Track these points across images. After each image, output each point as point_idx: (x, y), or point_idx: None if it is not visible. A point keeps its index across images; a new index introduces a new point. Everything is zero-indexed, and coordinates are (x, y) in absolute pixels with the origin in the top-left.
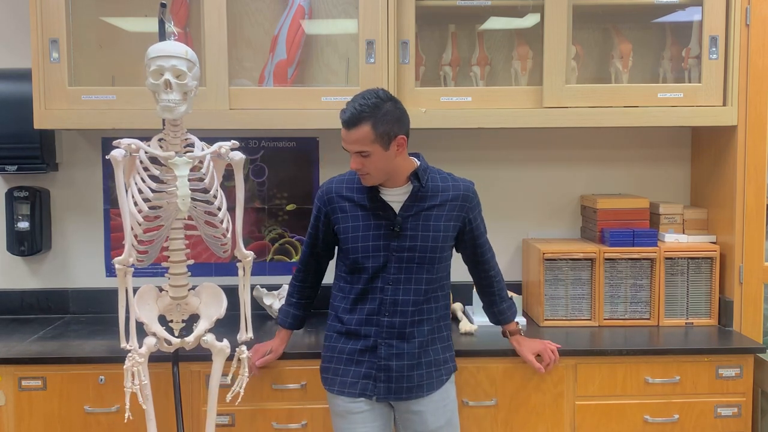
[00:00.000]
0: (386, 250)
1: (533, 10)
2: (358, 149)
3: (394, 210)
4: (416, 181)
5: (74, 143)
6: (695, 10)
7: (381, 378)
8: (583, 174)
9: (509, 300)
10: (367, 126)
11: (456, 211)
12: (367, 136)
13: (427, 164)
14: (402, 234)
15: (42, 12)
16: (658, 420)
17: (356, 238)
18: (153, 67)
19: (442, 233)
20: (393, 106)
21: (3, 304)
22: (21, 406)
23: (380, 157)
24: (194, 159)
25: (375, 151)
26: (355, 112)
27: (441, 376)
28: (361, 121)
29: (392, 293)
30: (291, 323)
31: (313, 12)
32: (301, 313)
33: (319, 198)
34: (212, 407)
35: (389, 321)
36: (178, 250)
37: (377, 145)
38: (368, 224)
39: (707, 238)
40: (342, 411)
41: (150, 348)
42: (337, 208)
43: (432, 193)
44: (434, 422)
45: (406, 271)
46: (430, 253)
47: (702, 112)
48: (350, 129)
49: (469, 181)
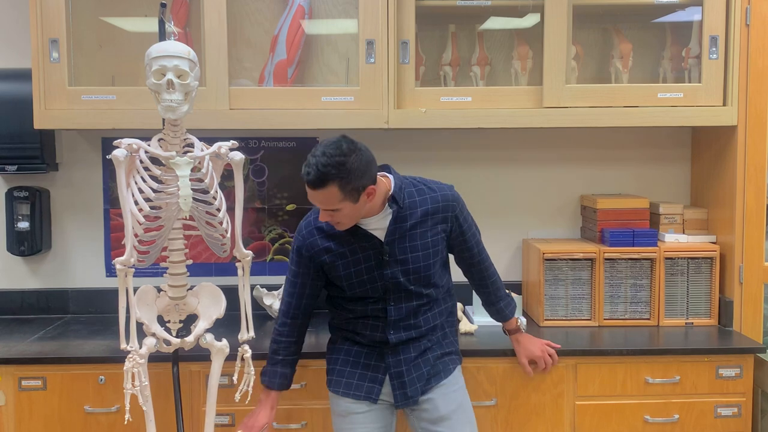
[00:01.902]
0: (381, 279)
1: (533, 10)
2: (327, 208)
3: (379, 238)
4: (395, 204)
5: (74, 143)
6: (695, 10)
7: (395, 386)
8: (583, 174)
9: (506, 298)
10: (334, 187)
11: (440, 222)
12: (334, 195)
13: (400, 179)
14: (392, 260)
15: (42, 12)
16: (658, 420)
17: (349, 275)
18: (155, 67)
19: (431, 249)
20: (358, 158)
21: (3, 304)
22: (21, 406)
23: (350, 210)
24: (195, 159)
25: (344, 207)
26: (319, 174)
27: (448, 366)
28: (326, 183)
29: (396, 313)
30: (281, 383)
31: (313, 12)
32: (290, 371)
33: (300, 247)
34: (211, 407)
35: (395, 336)
36: (177, 251)
37: (346, 201)
38: (357, 258)
39: (707, 238)
40: (343, 411)
41: (150, 348)
42: (321, 251)
43: (411, 210)
44: (446, 407)
45: (406, 293)
46: (424, 271)
47: (702, 112)
48: (316, 189)
49: (446, 186)
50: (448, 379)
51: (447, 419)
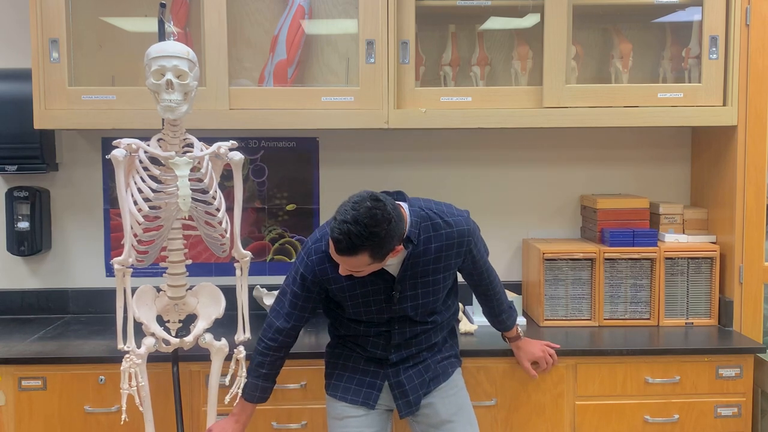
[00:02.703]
0: (388, 312)
1: (533, 10)
2: (353, 270)
3: (391, 273)
4: (410, 244)
5: (74, 143)
6: (695, 10)
7: (397, 395)
8: (583, 174)
9: (509, 310)
10: (365, 255)
11: (453, 258)
12: (363, 261)
13: (417, 213)
14: (402, 296)
15: (42, 12)
16: (658, 420)
17: (357, 304)
18: (154, 67)
19: (442, 284)
20: (390, 228)
21: (3, 304)
22: (21, 406)
23: (375, 267)
24: (194, 159)
25: (371, 267)
26: (351, 244)
27: (447, 369)
28: (358, 252)
29: (399, 337)
30: (260, 397)
31: (313, 12)
32: (272, 385)
33: (306, 274)
34: (212, 406)
35: (396, 355)
36: (176, 250)
37: (374, 263)
38: (366, 291)
39: (707, 238)
40: (339, 414)
41: (149, 348)
42: (330, 279)
43: (425, 247)
44: (446, 411)
45: (410, 322)
46: (432, 305)
47: (702, 112)
48: (344, 256)
49: (461, 218)
50: (447, 382)
51: (448, 422)
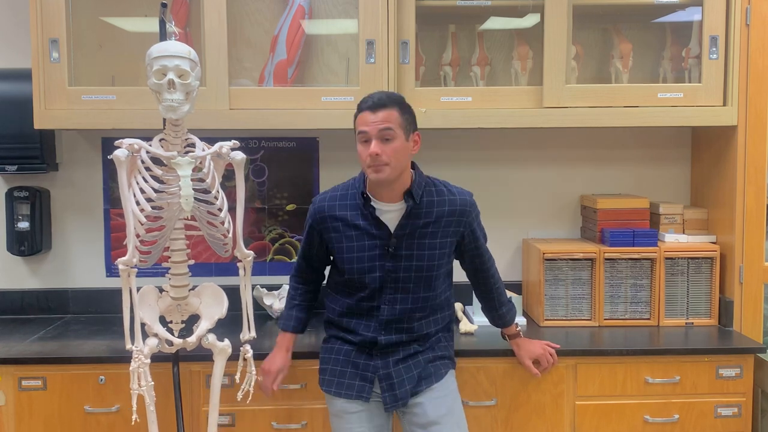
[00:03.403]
0: (381, 270)
1: (533, 10)
2: (385, 126)
3: (389, 229)
4: (410, 200)
5: (74, 143)
6: (695, 10)
7: (384, 387)
8: (583, 174)
9: (508, 304)
10: (395, 110)
11: (453, 226)
12: (394, 117)
13: (422, 176)
14: (396, 254)
15: (42, 12)
16: (658, 420)
17: (351, 259)
18: (156, 67)
19: (438, 251)
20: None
21: (3, 304)
22: (21, 406)
23: (402, 146)
24: (196, 159)
25: (399, 137)
26: (383, 97)
27: (440, 370)
28: (388, 106)
29: (389, 313)
30: (294, 326)
31: (313, 12)
32: (305, 315)
33: (312, 216)
34: (214, 407)
35: (385, 338)
36: (179, 251)
37: (402, 130)
38: (362, 244)
39: (707, 238)
40: (339, 411)
41: (152, 349)
42: (330, 227)
43: (427, 209)
44: (435, 412)
45: (402, 290)
46: (426, 272)
47: (702, 112)
48: (377, 111)
49: (466, 192)
50: (439, 383)
51: (436, 424)
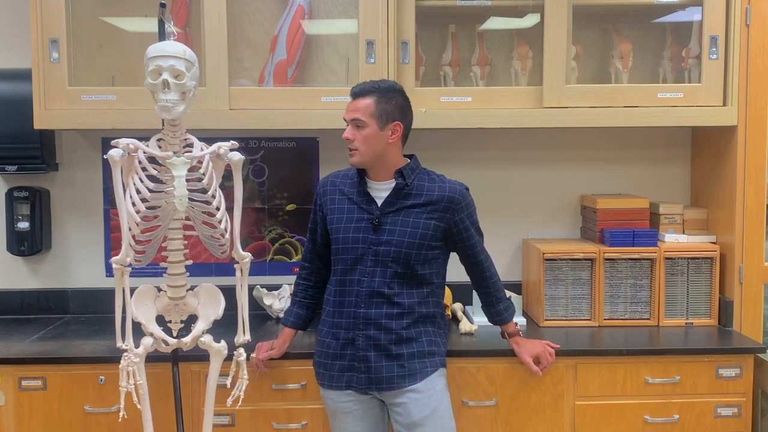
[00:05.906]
0: (364, 242)
1: (533, 10)
2: (354, 117)
3: (378, 204)
4: (400, 178)
5: (74, 143)
6: (695, 10)
7: (361, 369)
8: (583, 174)
9: (506, 301)
10: (371, 99)
11: (439, 212)
12: (367, 107)
13: (419, 165)
14: (380, 228)
15: (42, 12)
16: (658, 420)
17: (339, 228)
18: (151, 67)
19: (421, 231)
20: (402, 97)
21: (3, 304)
22: (21, 406)
23: (373, 134)
24: (192, 159)
25: (370, 125)
26: (365, 86)
27: (425, 368)
28: (366, 94)
29: (368, 285)
30: (293, 321)
31: (313, 12)
32: (305, 312)
33: (317, 191)
34: (210, 408)
35: (365, 312)
36: (176, 251)
37: (374, 120)
38: (352, 216)
39: (707, 238)
40: (332, 410)
41: (147, 348)
42: (328, 200)
43: (417, 192)
44: (417, 413)
45: (382, 264)
46: (406, 248)
47: (702, 112)
48: (356, 99)
49: (460, 184)
50: (423, 383)
51: (419, 426)
